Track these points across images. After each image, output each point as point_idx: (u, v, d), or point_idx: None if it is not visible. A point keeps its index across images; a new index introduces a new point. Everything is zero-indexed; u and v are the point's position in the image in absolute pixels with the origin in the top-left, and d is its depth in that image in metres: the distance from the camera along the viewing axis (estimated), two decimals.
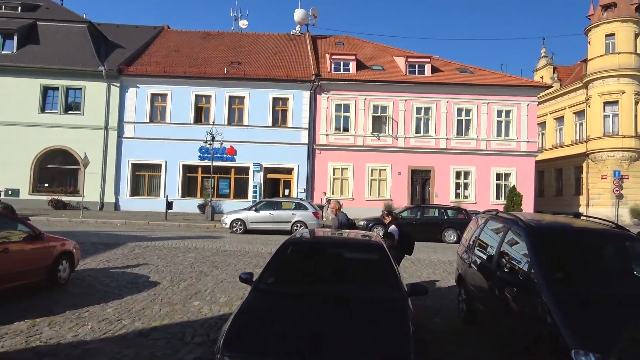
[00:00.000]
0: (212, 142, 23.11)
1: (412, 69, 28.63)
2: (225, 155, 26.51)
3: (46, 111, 26.58)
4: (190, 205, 26.36)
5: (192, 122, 27.04)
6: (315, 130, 27.39)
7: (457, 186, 27.64)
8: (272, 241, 15.31)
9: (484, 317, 5.94)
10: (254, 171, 27.13)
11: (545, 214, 7.76)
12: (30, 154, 26.16)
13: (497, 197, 27.28)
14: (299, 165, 27.23)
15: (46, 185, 26.55)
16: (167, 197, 23.99)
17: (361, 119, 27.56)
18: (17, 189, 25.92)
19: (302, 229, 16.32)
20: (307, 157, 27.27)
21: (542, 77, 37.36)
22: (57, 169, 26.90)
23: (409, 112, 27.61)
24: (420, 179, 27.80)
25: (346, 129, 27.75)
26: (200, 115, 27.54)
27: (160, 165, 27.02)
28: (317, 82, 27.12)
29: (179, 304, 7.26)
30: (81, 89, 26.73)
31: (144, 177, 27.42)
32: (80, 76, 26.46)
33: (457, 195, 27.46)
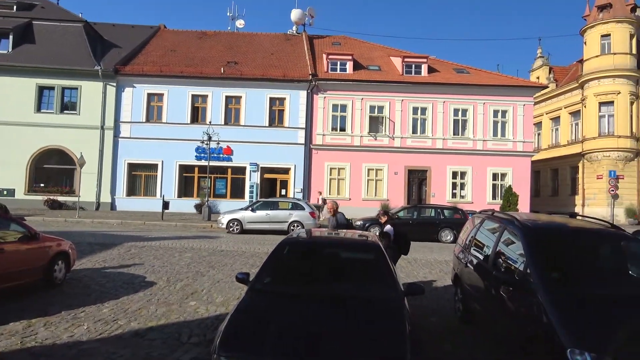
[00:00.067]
0: (208, 142, 23.08)
1: (409, 69, 28.66)
2: (221, 155, 26.49)
3: (42, 111, 26.47)
4: (186, 205, 26.32)
5: (188, 122, 27.00)
6: (312, 130, 27.39)
7: (454, 186, 27.71)
8: (269, 241, 15.28)
9: (480, 317, 5.94)
10: (250, 171, 27.11)
11: (541, 214, 7.77)
12: (25, 153, 26.05)
13: (494, 197, 27.36)
14: (295, 165, 27.23)
15: (42, 185, 26.44)
16: (163, 197, 23.91)
17: (358, 119, 27.58)
18: (13, 189, 25.84)
19: (298, 229, 16.34)
20: (304, 157, 27.26)
21: (538, 78, 37.49)
22: (53, 169, 26.80)
23: (405, 112, 27.65)
24: (416, 179, 27.85)
25: (343, 129, 27.76)
26: (196, 115, 27.49)
27: (156, 165, 26.96)
28: (314, 82, 27.13)
29: (176, 304, 7.24)
30: (77, 89, 26.63)
31: (141, 177, 27.34)
32: (76, 76, 26.36)
33: (454, 195, 27.52)
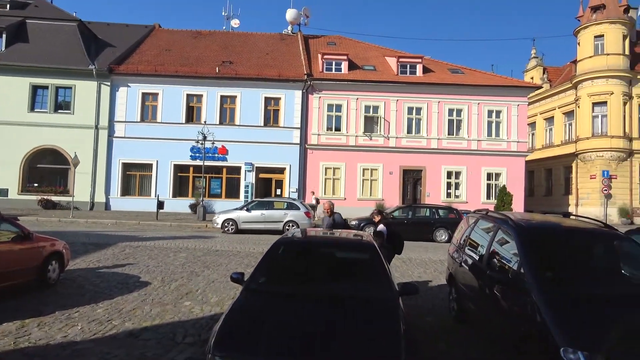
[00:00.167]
0: (203, 142, 23.02)
1: (404, 69, 28.72)
2: (216, 154, 26.44)
3: (35, 110, 26.33)
4: (181, 205, 26.25)
5: (183, 122, 26.92)
6: (307, 130, 27.38)
7: (448, 186, 27.79)
8: (264, 241, 15.28)
9: (475, 316, 5.97)
10: (245, 171, 27.06)
11: (535, 214, 7.81)
12: (19, 153, 25.89)
13: (488, 196, 27.47)
14: (290, 165, 27.21)
15: (35, 185, 26.29)
16: (158, 197, 23.85)
17: (353, 119, 27.60)
18: (6, 189, 25.69)
19: (293, 229, 16.33)
20: (299, 157, 27.25)
21: (532, 78, 37.64)
22: (47, 169, 26.66)
23: (400, 112, 27.70)
24: (411, 179, 27.91)
25: (338, 129, 27.78)
26: (191, 114, 27.42)
27: (151, 164, 26.86)
28: (309, 82, 27.12)
29: (170, 304, 7.22)
30: (71, 88, 26.49)
31: (135, 177, 27.24)
32: (70, 75, 26.22)
33: (448, 194, 27.60)
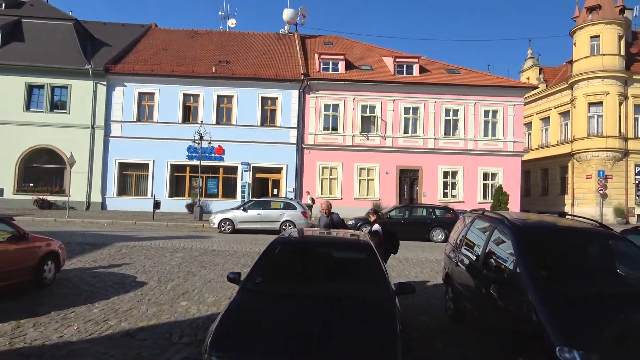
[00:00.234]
0: (200, 142, 22.97)
1: (401, 69, 28.74)
2: (213, 154, 26.39)
3: (31, 110, 26.21)
4: (178, 205, 26.20)
5: (180, 121, 26.86)
6: (304, 129, 27.38)
7: (445, 186, 27.84)
8: (261, 241, 15.25)
9: (471, 316, 5.98)
10: (242, 171, 27.03)
11: (531, 213, 7.84)
12: (14, 153, 25.77)
13: (484, 196, 27.52)
14: (287, 164, 27.20)
15: (31, 184, 26.17)
16: (154, 196, 23.76)
17: (350, 119, 27.61)
18: (1, 189, 25.58)
19: (290, 229, 16.34)
20: (296, 157, 27.24)
21: (528, 78, 37.77)
22: (43, 168, 26.54)
23: (397, 112, 27.73)
24: (408, 179, 27.95)
25: (335, 129, 27.78)
26: (188, 114, 27.36)
27: (147, 164, 26.79)
28: (305, 82, 27.11)
29: (167, 304, 7.21)
30: (67, 88, 26.38)
31: (131, 177, 27.15)
32: (66, 74, 26.11)
33: (445, 194, 27.65)
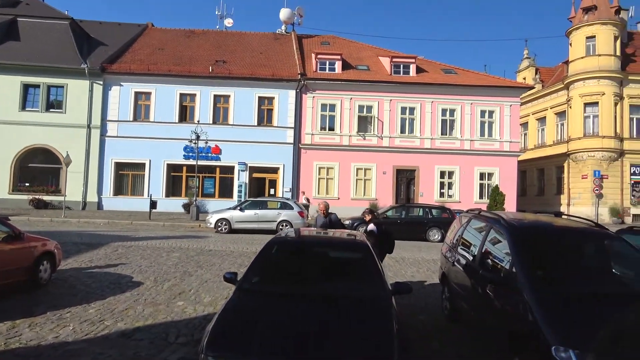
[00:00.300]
0: (196, 141, 22.94)
1: (397, 69, 28.79)
2: (210, 154, 26.35)
3: (27, 109, 26.11)
4: (174, 204, 26.14)
5: (176, 121, 26.81)
6: (300, 129, 27.37)
7: (442, 185, 27.89)
8: (257, 241, 15.25)
9: (467, 315, 5.99)
10: (239, 170, 27.00)
11: (527, 213, 7.87)
12: (10, 152, 25.66)
13: (481, 196, 27.59)
14: (284, 164, 27.18)
15: (27, 184, 26.04)
16: (151, 196, 23.72)
17: (346, 119, 27.62)
18: None
19: (287, 229, 16.35)
20: (293, 157, 27.23)
21: (524, 78, 37.86)
22: (38, 168, 26.43)
23: (394, 112, 27.76)
24: (405, 179, 27.99)
25: (332, 129, 27.78)
26: (184, 114, 27.31)
27: (144, 164, 26.72)
28: (302, 82, 27.11)
29: (163, 304, 7.20)
30: (63, 87, 26.29)
31: (128, 177, 27.08)
32: (62, 74, 26.01)
33: (442, 194, 27.70)
